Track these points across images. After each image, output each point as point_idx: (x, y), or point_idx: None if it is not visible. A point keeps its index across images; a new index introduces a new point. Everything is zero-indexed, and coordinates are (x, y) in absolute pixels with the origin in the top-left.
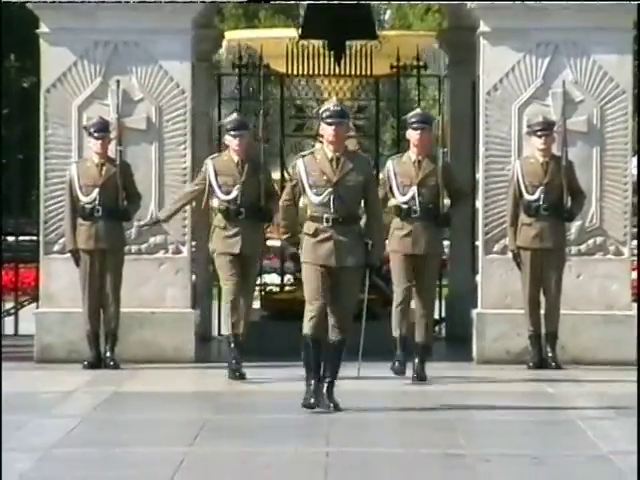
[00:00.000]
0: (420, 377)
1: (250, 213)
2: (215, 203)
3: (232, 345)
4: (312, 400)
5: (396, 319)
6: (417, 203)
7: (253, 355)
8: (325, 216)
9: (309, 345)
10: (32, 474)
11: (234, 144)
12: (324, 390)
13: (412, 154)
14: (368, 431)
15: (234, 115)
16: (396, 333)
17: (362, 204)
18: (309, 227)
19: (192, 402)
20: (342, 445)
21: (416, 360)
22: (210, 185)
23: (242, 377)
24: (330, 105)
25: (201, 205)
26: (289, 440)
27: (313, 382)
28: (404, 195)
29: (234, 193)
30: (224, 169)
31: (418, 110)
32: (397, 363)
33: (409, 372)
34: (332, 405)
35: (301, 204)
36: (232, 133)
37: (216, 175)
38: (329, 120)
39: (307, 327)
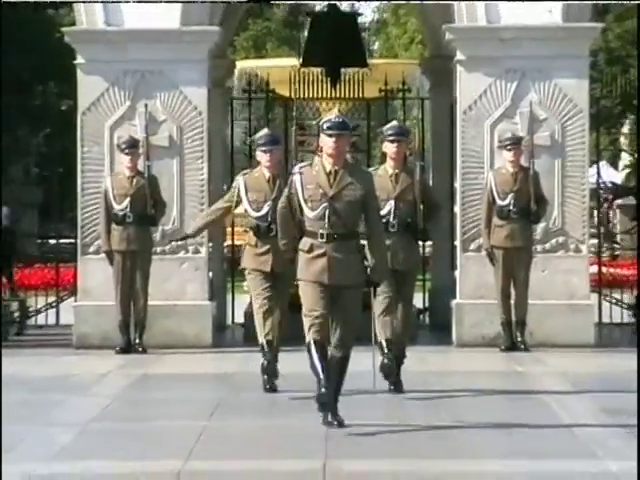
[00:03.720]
0: (397, 389)
1: None
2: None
3: (266, 349)
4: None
5: (379, 326)
6: (394, 217)
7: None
8: (320, 231)
9: (313, 352)
10: (72, 446)
11: (265, 160)
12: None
13: (389, 167)
14: (362, 408)
15: (265, 130)
16: (381, 337)
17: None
18: (304, 243)
19: (210, 382)
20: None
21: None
22: (241, 201)
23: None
24: (331, 116)
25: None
26: (295, 414)
27: (323, 383)
28: (381, 209)
29: (265, 210)
30: (255, 185)
31: (395, 122)
32: (386, 360)
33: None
34: (336, 422)
35: None
36: (263, 148)
37: (247, 191)
38: (329, 132)
39: (309, 335)
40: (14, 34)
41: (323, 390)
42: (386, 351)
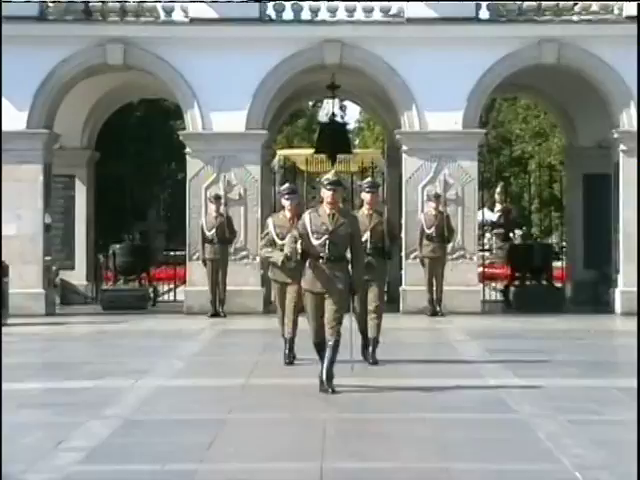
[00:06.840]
0: (374, 361)
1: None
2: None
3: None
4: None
5: (362, 322)
6: (369, 243)
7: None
8: (322, 255)
9: (317, 347)
10: (184, 369)
11: (287, 204)
12: (324, 377)
13: (365, 210)
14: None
15: (287, 184)
16: (363, 329)
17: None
18: (309, 263)
19: (262, 333)
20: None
21: (370, 349)
22: (270, 234)
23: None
24: (329, 175)
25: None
26: (314, 355)
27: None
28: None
29: (287, 239)
30: (280, 223)
31: (369, 179)
32: (363, 346)
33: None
34: (330, 390)
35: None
36: (286, 197)
37: (275, 227)
38: (328, 186)
39: (313, 338)
40: (155, 137)
41: (321, 373)
42: (362, 339)
